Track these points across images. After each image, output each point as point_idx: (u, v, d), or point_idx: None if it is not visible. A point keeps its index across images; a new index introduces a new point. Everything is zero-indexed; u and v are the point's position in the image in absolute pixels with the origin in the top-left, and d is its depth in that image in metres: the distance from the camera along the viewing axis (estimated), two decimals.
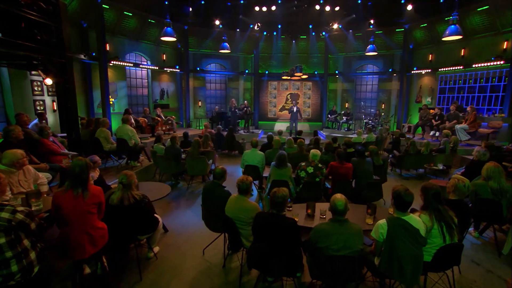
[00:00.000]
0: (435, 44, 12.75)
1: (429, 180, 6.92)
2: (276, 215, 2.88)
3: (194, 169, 6.78)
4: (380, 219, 2.80)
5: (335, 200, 2.70)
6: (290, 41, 15.48)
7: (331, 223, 2.69)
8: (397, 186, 2.79)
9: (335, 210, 2.68)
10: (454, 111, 10.39)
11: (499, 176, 3.98)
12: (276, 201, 2.86)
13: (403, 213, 2.72)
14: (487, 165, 4.09)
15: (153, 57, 13.23)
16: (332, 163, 5.08)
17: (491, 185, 3.97)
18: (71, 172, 2.79)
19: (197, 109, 16.08)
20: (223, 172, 3.89)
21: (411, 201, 2.69)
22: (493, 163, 4.07)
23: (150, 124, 11.16)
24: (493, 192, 3.98)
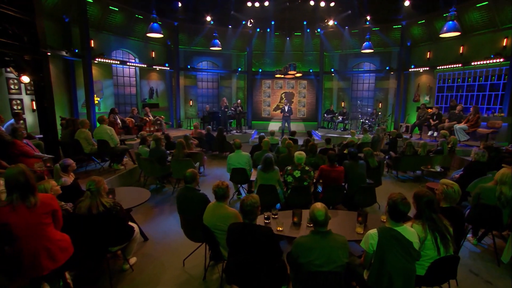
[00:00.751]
0: (433, 41, 12.65)
1: (426, 182, 6.81)
2: (249, 224, 2.70)
3: (180, 172, 6.56)
4: (372, 228, 2.63)
5: (314, 210, 2.52)
6: (284, 38, 15.31)
7: (312, 235, 2.51)
8: (394, 193, 2.62)
9: (315, 221, 2.51)
10: (460, 112, 10.22)
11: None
12: (245, 210, 2.69)
13: (397, 224, 2.55)
14: (504, 170, 3.93)
15: (142, 54, 13.00)
16: (322, 167, 4.90)
17: (504, 191, 3.80)
18: (15, 183, 2.52)
19: (188, 109, 15.86)
20: (193, 175, 3.70)
21: (407, 211, 2.52)
22: (510, 169, 3.91)
23: (137, 125, 10.93)
24: (501, 198, 3.81)
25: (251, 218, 2.72)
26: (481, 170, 5.42)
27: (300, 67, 15.98)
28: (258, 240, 2.61)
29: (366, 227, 3.44)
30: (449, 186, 3.11)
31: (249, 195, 2.80)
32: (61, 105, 9.55)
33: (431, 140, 10.71)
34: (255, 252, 2.59)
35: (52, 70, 9.03)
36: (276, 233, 3.31)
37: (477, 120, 9.35)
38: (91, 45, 10.06)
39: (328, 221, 2.53)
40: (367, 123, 13.44)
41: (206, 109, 14.93)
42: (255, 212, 2.71)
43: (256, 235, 2.60)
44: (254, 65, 16.25)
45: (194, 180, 3.71)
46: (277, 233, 3.31)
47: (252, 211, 2.69)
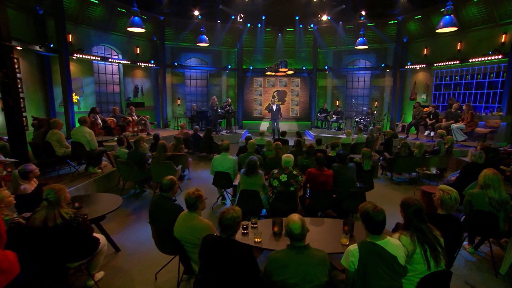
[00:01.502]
0: (430, 37, 12.58)
1: (422, 185, 6.66)
2: (226, 240, 2.49)
3: (160, 175, 6.29)
4: (360, 239, 2.45)
5: (289, 222, 2.33)
6: (276, 34, 15.14)
7: (288, 250, 2.32)
8: (363, 204, 2.44)
9: (290, 234, 2.31)
10: (456, 110, 10.15)
11: (499, 184, 3.68)
12: (224, 224, 2.48)
13: (377, 237, 2.36)
14: (484, 172, 3.79)
15: (125, 50, 12.72)
16: (310, 170, 4.72)
17: (491, 194, 3.67)
18: None
19: (176, 108, 15.61)
20: (171, 183, 3.49)
21: (383, 220, 2.34)
22: (491, 170, 3.76)
23: (120, 125, 10.67)
24: (491, 203, 3.67)
25: (229, 234, 2.51)
26: (478, 172, 5.27)
27: (292, 64, 15.82)
28: (233, 258, 2.40)
29: (353, 237, 3.26)
30: (445, 193, 2.94)
31: (231, 207, 2.60)
32: (36, 104, 9.24)
33: (428, 140, 10.62)
34: (229, 270, 2.39)
35: (25, 66, 8.79)
36: (254, 245, 3.12)
37: (471, 118, 9.26)
38: (69, 39, 9.75)
39: (306, 234, 2.34)
40: (362, 122, 13.32)
41: (194, 108, 14.71)
42: (234, 227, 2.50)
43: (232, 253, 2.40)
44: (244, 62, 16.04)
45: (171, 189, 3.49)
46: (254, 245, 3.12)
47: (231, 226, 2.48)
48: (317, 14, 13.41)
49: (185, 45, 14.88)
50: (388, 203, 6.15)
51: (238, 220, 2.51)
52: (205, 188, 6.20)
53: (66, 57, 9.04)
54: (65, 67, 8.99)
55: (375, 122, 13.50)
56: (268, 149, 7.23)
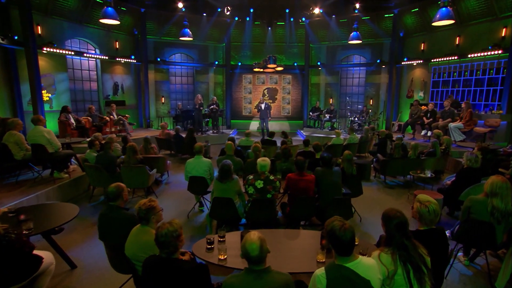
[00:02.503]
0: (428, 31, 12.43)
1: (416, 189, 6.45)
2: (166, 259, 2.22)
3: (132, 180, 6.04)
4: None
5: (246, 242, 2.05)
6: (265, 28, 14.88)
7: (245, 275, 2.05)
8: (330, 220, 2.18)
9: (247, 257, 2.04)
10: (449, 108, 10.01)
11: (507, 194, 3.43)
12: (160, 241, 2.21)
13: (346, 258, 2.10)
14: (493, 179, 3.54)
15: (103, 45, 12.36)
16: (289, 175, 4.46)
17: (496, 204, 3.42)
18: None
19: (160, 107, 15.29)
20: (118, 191, 3.18)
21: (351, 239, 2.08)
22: (500, 177, 3.53)
23: (96, 125, 10.32)
24: (494, 213, 3.43)
25: (168, 252, 2.24)
26: (474, 176, 5.10)
27: (283, 60, 15.61)
28: (176, 281, 2.13)
29: (331, 252, 2.99)
30: (423, 204, 2.68)
31: (168, 221, 2.33)
32: (1, 102, 8.86)
33: (424, 140, 10.44)
34: None
35: None
36: (217, 263, 2.84)
37: (470, 116, 9.09)
38: (38, 31, 9.37)
39: (265, 256, 2.07)
40: (356, 121, 13.13)
41: (178, 107, 14.42)
42: (173, 243, 2.23)
43: (174, 274, 2.12)
44: (233, 58, 15.78)
45: (119, 197, 3.20)
46: (218, 263, 2.84)
47: (169, 242, 2.21)
48: (309, 7, 13.18)
49: (169, 39, 14.57)
50: (379, 209, 5.93)
51: (177, 234, 2.24)
52: (183, 194, 5.96)
53: (34, 50, 8.66)
54: (33, 62, 8.62)
55: (370, 121, 13.32)
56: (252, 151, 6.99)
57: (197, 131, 13.00)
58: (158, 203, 2.88)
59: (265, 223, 4.36)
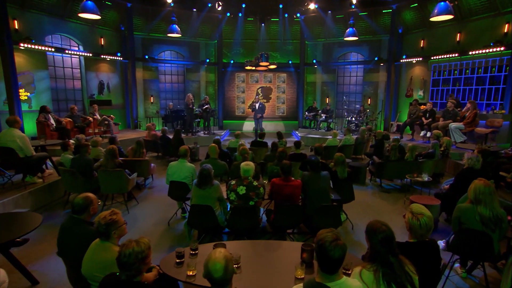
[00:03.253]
0: (427, 27, 12.29)
1: (412, 194, 6.28)
2: (126, 282, 2.02)
3: (109, 186, 5.83)
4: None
5: (209, 261, 1.87)
6: (258, 25, 14.69)
7: None
8: (323, 232, 2.00)
9: (209, 277, 1.85)
10: (453, 108, 9.81)
11: (491, 199, 3.26)
12: (121, 262, 2.01)
13: (330, 276, 1.92)
14: (475, 183, 3.38)
15: (87, 41, 12.12)
16: (274, 180, 4.28)
17: (481, 211, 3.26)
18: None
19: (149, 106, 15.07)
20: (85, 203, 2.96)
21: (341, 257, 1.90)
22: (482, 180, 3.35)
23: (78, 126, 10.08)
24: (483, 220, 3.26)
25: (129, 274, 2.04)
26: (474, 179, 4.92)
27: (278, 57, 15.45)
28: None
29: (313, 266, 2.80)
30: (415, 216, 2.50)
31: (136, 239, 2.13)
32: None
33: (424, 141, 10.29)
34: None
35: None
36: (185, 280, 2.64)
37: (474, 117, 8.93)
38: (14, 26, 9.12)
39: (231, 277, 1.88)
40: (354, 121, 12.97)
41: (169, 106, 14.22)
42: (136, 266, 2.03)
43: None
44: (225, 55, 15.59)
45: (85, 211, 2.97)
46: (186, 280, 2.64)
47: (132, 264, 2.01)
48: (304, 2, 13.00)
49: (158, 36, 14.35)
50: (373, 216, 5.75)
51: (143, 256, 2.05)
52: (166, 199, 5.74)
53: (10, 46, 8.43)
54: (9, 59, 8.39)
55: (368, 121, 13.16)
56: (240, 154, 6.79)
57: (188, 132, 12.86)
58: (121, 216, 2.68)
59: (247, 231, 4.18)
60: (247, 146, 9.14)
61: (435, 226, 5.08)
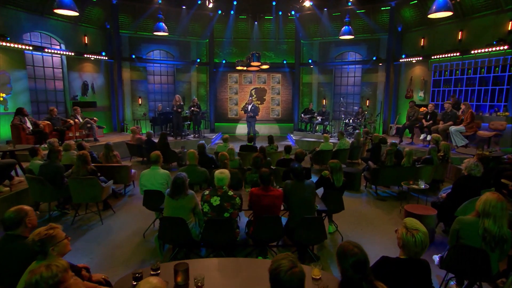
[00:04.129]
0: (428, 25, 12.14)
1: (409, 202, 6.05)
2: None
3: (81, 194, 5.59)
4: None
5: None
6: (251, 23, 14.52)
7: None
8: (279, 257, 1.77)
9: None
10: (451, 110, 9.64)
11: (502, 215, 3.01)
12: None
13: None
14: (487, 196, 3.13)
15: (69, 39, 11.90)
16: (252, 190, 4.05)
17: (488, 226, 3.01)
18: None
19: (137, 108, 14.85)
20: (18, 216, 2.69)
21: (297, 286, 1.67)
22: (496, 194, 3.11)
23: (57, 129, 9.83)
24: (486, 237, 3.02)
25: None
26: (474, 187, 4.71)
27: (272, 57, 15.28)
28: None
29: None
30: (409, 232, 2.29)
31: (48, 263, 1.89)
32: None
33: (424, 145, 10.08)
34: None
35: None
36: None
37: (472, 118, 8.74)
38: None
39: None
40: (351, 124, 12.77)
41: (158, 108, 14.04)
42: None
43: None
44: (217, 55, 15.41)
45: (20, 224, 2.72)
46: None
47: None
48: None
49: (146, 34, 14.14)
50: (365, 226, 5.54)
51: (54, 282, 1.82)
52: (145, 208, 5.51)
53: None
54: None
55: (366, 124, 12.96)
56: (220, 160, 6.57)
57: (177, 136, 12.65)
58: (61, 230, 2.44)
59: (223, 246, 3.95)
60: (236, 151, 9.06)
61: (431, 238, 4.86)
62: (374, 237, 5.08)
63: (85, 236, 5.14)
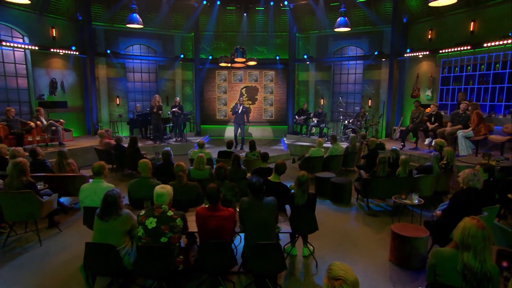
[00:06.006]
0: (436, 16, 11.69)
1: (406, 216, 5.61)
2: None
3: (14, 211, 5.16)
4: None
5: None
6: (240, 14, 14.15)
7: None
8: None
9: None
10: (464, 112, 9.07)
11: (484, 247, 2.55)
12: None
13: None
14: (465, 221, 2.67)
15: (34, 32, 11.55)
16: (198, 210, 3.63)
17: (467, 260, 2.56)
18: None
19: (115, 109, 14.51)
20: None
21: None
22: (475, 220, 2.65)
23: (15, 133, 9.48)
24: (466, 274, 2.57)
25: None
26: (475, 202, 4.26)
27: (264, 52, 14.94)
28: None
29: None
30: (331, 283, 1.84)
31: None
32: None
33: (430, 150, 9.60)
34: None
35: None
36: None
37: (479, 119, 8.26)
38: None
39: None
40: (350, 126, 12.34)
41: (136, 109, 13.69)
42: None
43: None
44: (204, 50, 15.08)
45: None
46: None
47: None
48: None
49: (124, 27, 13.76)
50: (348, 247, 5.11)
51: None
52: None
53: None
54: None
55: (368, 126, 12.53)
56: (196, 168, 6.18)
57: (156, 140, 12.29)
58: None
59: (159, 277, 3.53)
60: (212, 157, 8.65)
61: (421, 265, 4.41)
62: (357, 263, 4.63)
63: (15, 261, 4.72)
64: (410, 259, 4.42)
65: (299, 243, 4.75)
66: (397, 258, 4.53)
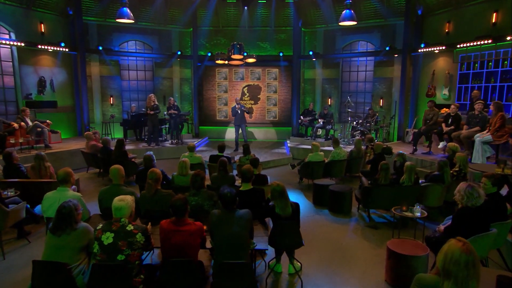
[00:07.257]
0: (454, 7, 11.36)
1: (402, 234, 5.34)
2: None
3: None
4: None
5: None
6: (241, 8, 14.02)
7: None
8: None
9: None
10: (481, 113, 8.73)
11: (466, 275, 2.30)
12: None
13: None
14: (449, 245, 2.43)
15: (21, 27, 11.63)
16: (161, 223, 3.45)
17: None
18: None
19: (108, 109, 14.52)
20: None
21: None
22: (461, 243, 2.40)
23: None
24: None
25: None
26: (481, 217, 3.98)
27: (267, 48, 14.83)
28: None
29: None
30: None
31: None
32: None
33: (444, 155, 9.27)
34: None
35: None
36: None
37: (502, 122, 7.87)
38: None
39: None
40: (359, 128, 12.07)
41: (131, 109, 13.69)
42: None
43: None
44: (203, 46, 15.01)
45: None
46: None
47: None
48: None
49: (119, 22, 13.77)
50: (339, 264, 4.87)
51: None
52: None
53: None
54: None
55: (378, 128, 12.24)
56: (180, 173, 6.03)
57: (150, 142, 12.23)
58: None
59: None
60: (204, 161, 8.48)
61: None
62: (347, 282, 4.40)
63: None
64: (406, 280, 4.16)
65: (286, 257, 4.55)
66: (392, 278, 4.28)
